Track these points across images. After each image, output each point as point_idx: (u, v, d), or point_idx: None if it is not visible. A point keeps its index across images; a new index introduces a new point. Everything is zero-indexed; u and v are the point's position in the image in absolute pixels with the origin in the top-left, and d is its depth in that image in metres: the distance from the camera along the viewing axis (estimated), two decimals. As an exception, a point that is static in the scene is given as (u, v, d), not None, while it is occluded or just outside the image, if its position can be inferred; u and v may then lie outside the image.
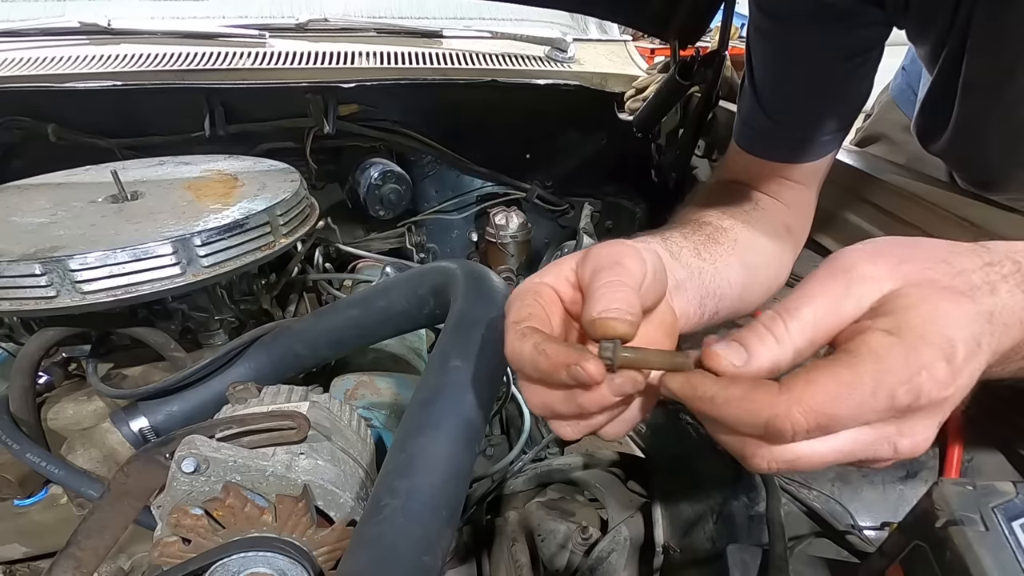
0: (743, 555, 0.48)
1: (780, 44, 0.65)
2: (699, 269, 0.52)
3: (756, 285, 0.61)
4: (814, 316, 0.31)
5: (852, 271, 0.32)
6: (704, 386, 0.31)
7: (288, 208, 0.77)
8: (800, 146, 0.66)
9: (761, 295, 0.63)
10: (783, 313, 0.32)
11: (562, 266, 0.39)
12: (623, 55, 1.58)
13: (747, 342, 0.32)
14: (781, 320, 0.31)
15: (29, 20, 1.35)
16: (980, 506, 0.33)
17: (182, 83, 1.18)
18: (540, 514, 0.70)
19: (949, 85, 0.64)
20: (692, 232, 0.57)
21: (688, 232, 0.57)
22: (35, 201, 0.77)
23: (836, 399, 0.28)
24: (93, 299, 0.62)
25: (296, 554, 0.48)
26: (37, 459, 0.60)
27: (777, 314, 0.32)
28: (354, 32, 1.45)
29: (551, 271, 0.39)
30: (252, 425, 0.50)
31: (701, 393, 0.31)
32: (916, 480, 0.55)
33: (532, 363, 0.33)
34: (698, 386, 0.31)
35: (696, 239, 0.56)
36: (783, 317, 0.31)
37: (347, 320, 0.67)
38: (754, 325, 0.32)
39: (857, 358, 0.29)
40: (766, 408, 0.29)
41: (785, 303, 0.32)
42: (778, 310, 0.32)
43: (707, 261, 0.54)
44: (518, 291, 0.38)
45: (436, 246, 1.52)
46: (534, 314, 0.36)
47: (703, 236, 0.57)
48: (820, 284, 0.32)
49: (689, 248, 0.54)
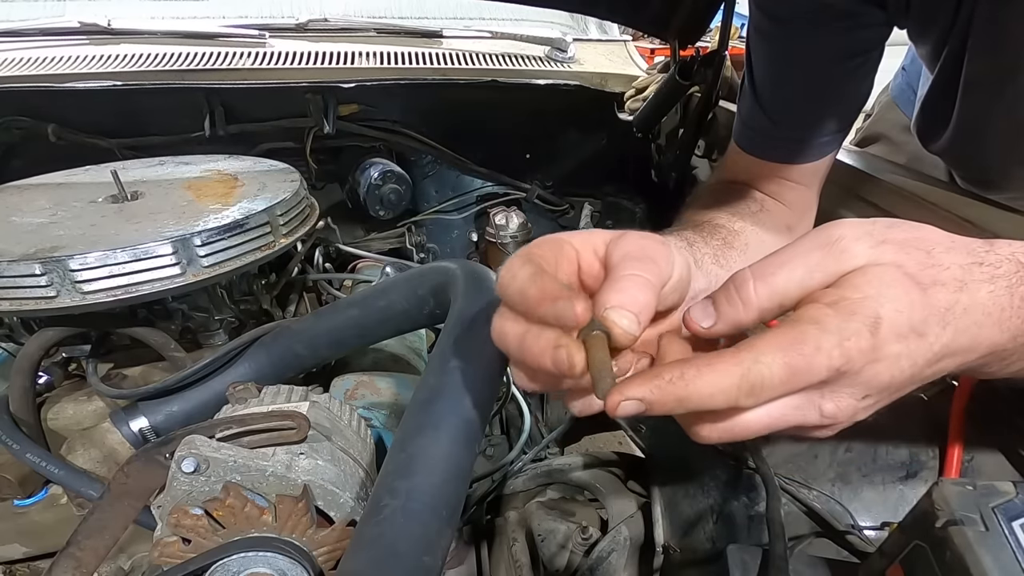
0: (743, 555, 0.48)
1: (780, 45, 0.65)
2: (717, 277, 0.53)
3: None
4: (785, 284, 0.32)
5: (835, 245, 0.32)
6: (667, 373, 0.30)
7: (288, 208, 0.77)
8: (800, 147, 0.66)
9: None
10: (757, 276, 0.33)
11: (593, 236, 0.38)
12: (623, 55, 1.58)
13: (717, 302, 0.33)
14: (752, 283, 0.33)
15: (29, 20, 1.35)
16: (980, 506, 0.33)
17: (182, 83, 1.18)
18: (540, 514, 0.70)
19: (950, 84, 0.64)
20: (710, 236, 0.58)
21: (707, 236, 0.58)
22: (35, 201, 0.77)
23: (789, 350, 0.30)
24: (93, 299, 0.62)
25: (296, 554, 0.48)
26: (37, 459, 0.60)
27: (752, 275, 0.33)
28: (354, 32, 1.45)
29: (580, 235, 0.38)
30: (252, 425, 0.50)
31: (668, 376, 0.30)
32: (916, 480, 0.55)
33: (521, 287, 0.33)
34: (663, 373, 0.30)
35: (714, 244, 0.57)
36: (755, 280, 0.33)
37: (347, 320, 0.67)
38: (726, 286, 0.34)
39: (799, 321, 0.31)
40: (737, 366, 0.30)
41: (760, 265, 0.33)
42: (753, 271, 0.33)
43: (724, 268, 0.54)
44: (542, 237, 0.38)
45: (436, 246, 1.52)
46: (545, 256, 0.36)
47: (719, 241, 0.58)
48: (800, 252, 0.33)
49: (710, 255, 0.55)
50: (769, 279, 0.32)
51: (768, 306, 0.33)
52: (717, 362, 0.30)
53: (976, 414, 0.54)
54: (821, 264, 0.32)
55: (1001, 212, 0.66)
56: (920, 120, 0.76)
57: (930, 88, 0.70)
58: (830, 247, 0.32)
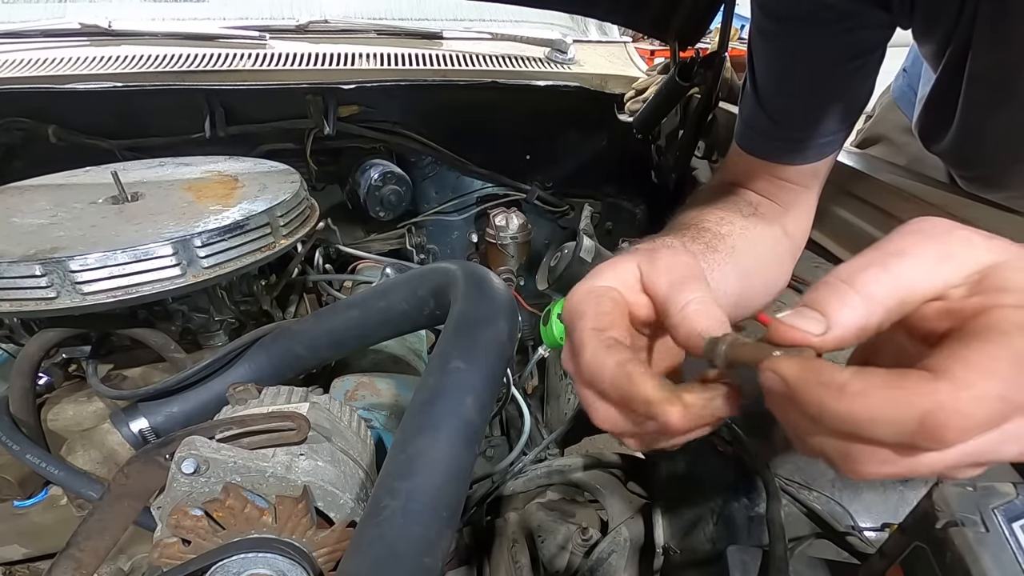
0: (743, 556, 0.48)
1: (782, 45, 0.65)
2: None
3: (752, 291, 0.61)
4: (910, 275, 0.25)
5: (952, 233, 0.26)
6: (830, 373, 0.24)
7: (288, 209, 0.77)
8: (801, 147, 0.66)
9: (758, 301, 0.63)
10: (869, 267, 0.26)
11: (621, 269, 0.37)
12: (623, 56, 1.58)
13: (824, 304, 0.26)
14: (869, 271, 0.26)
15: (30, 21, 1.35)
16: (980, 507, 0.33)
17: (182, 84, 1.18)
18: (540, 515, 0.70)
19: (953, 82, 0.64)
20: (692, 241, 0.58)
21: (688, 240, 0.57)
22: (35, 202, 0.77)
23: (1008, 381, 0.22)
24: (93, 300, 0.62)
25: (296, 555, 0.48)
26: (37, 460, 0.60)
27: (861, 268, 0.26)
28: (354, 33, 1.45)
29: (610, 274, 0.37)
30: (252, 426, 0.50)
31: (827, 380, 0.24)
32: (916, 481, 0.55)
33: (612, 382, 0.31)
34: (823, 372, 0.24)
35: (696, 248, 0.56)
36: (872, 268, 0.26)
37: (347, 321, 0.67)
38: (828, 282, 0.26)
39: (1003, 335, 0.23)
40: (923, 397, 0.22)
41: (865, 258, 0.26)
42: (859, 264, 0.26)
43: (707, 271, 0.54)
44: (587, 293, 0.36)
45: (436, 247, 1.52)
46: (616, 323, 0.34)
47: (702, 245, 0.57)
48: (911, 242, 0.26)
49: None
50: (887, 264, 0.26)
51: (892, 303, 0.26)
52: (901, 383, 0.23)
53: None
54: (948, 253, 0.26)
55: (1001, 213, 0.66)
56: (922, 120, 0.76)
57: (933, 87, 0.70)
58: (947, 236, 0.26)
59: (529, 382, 1.28)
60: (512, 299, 0.58)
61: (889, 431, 0.23)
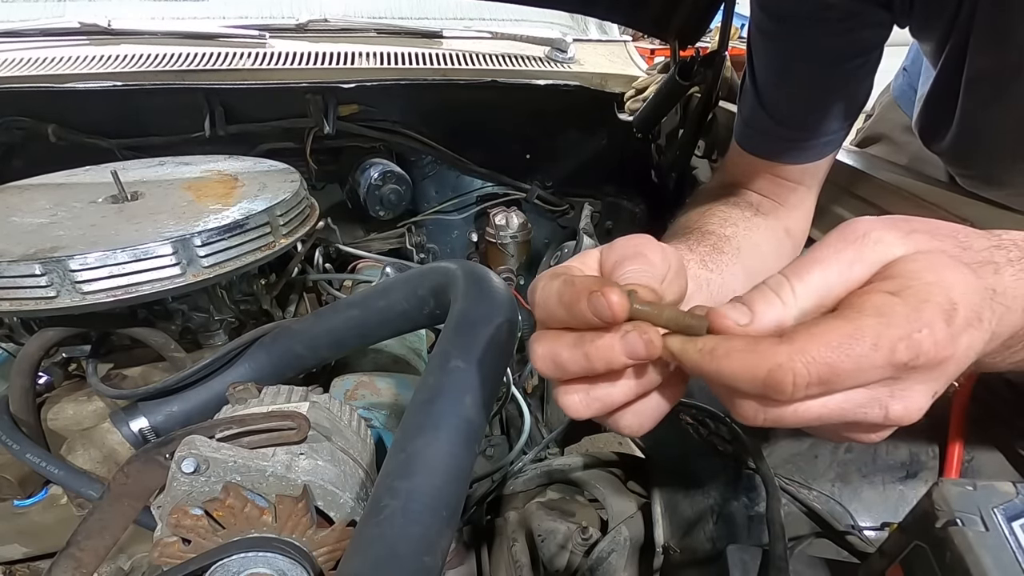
0: (743, 555, 0.48)
1: (782, 44, 0.65)
2: (707, 280, 0.52)
3: None
4: (824, 280, 0.30)
5: (866, 236, 0.31)
6: (703, 339, 0.30)
7: (288, 208, 0.77)
8: (801, 146, 0.66)
9: None
10: (791, 276, 0.31)
11: (586, 256, 0.38)
12: (623, 55, 1.58)
13: (752, 303, 0.31)
14: (788, 283, 0.31)
15: (29, 21, 1.35)
16: (980, 506, 0.33)
17: (182, 83, 1.18)
18: (540, 514, 0.70)
19: (953, 80, 0.64)
20: (697, 243, 0.58)
21: (693, 243, 0.58)
22: (35, 201, 0.77)
23: (838, 350, 0.27)
24: (93, 299, 0.62)
25: (296, 554, 0.48)
26: (37, 459, 0.60)
27: (785, 277, 0.31)
28: (354, 32, 1.45)
29: (576, 259, 0.38)
30: (252, 425, 0.50)
31: (701, 345, 0.30)
32: (916, 480, 0.55)
33: (558, 294, 0.32)
34: (697, 340, 0.30)
35: (702, 250, 0.56)
36: (790, 280, 0.31)
37: (347, 320, 0.67)
38: (760, 287, 0.32)
39: (859, 313, 0.28)
40: (768, 358, 0.27)
41: (794, 267, 0.31)
42: (785, 273, 0.31)
43: (714, 272, 0.54)
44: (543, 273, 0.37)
45: (436, 246, 1.52)
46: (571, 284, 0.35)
47: (708, 247, 0.57)
48: (832, 249, 0.31)
49: (696, 260, 0.54)
50: (804, 276, 0.31)
51: (808, 305, 0.30)
52: (754, 347, 0.28)
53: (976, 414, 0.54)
54: (859, 256, 0.30)
55: (1000, 212, 0.66)
56: (922, 118, 0.76)
57: (932, 84, 0.70)
58: (862, 240, 0.31)
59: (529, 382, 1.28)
60: (512, 298, 0.58)
61: (747, 385, 0.28)
